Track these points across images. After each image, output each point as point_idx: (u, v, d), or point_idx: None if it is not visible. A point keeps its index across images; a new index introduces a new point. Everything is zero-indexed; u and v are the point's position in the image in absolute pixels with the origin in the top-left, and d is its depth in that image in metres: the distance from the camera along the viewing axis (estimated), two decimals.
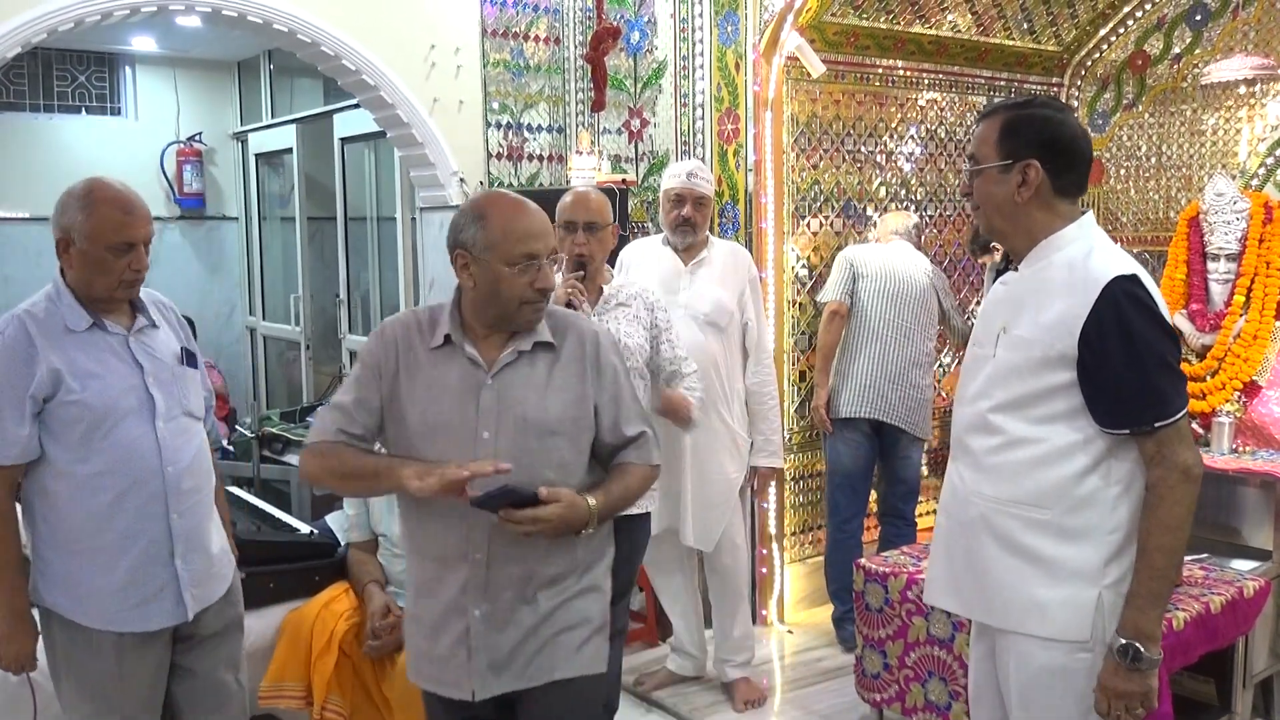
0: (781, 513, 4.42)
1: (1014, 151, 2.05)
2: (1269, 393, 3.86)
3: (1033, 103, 2.13)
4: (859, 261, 4.23)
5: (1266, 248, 3.94)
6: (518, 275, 2.03)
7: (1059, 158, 2.05)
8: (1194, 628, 2.97)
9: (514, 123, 4.97)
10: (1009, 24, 4.91)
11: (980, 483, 2.10)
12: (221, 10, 4.27)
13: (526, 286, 2.04)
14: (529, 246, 2.03)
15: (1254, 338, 3.89)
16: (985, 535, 2.09)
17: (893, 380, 4.16)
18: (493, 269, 2.03)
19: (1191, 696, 3.34)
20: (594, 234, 3.09)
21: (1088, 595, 2.00)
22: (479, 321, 2.10)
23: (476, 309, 2.10)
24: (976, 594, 2.13)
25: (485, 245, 2.03)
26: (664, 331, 3.17)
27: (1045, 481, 2.02)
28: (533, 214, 2.07)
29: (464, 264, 2.07)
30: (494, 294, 2.05)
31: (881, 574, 3.33)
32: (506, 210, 2.06)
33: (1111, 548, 2.00)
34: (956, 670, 3.10)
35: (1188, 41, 4.84)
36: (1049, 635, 2.03)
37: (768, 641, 4.28)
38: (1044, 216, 2.07)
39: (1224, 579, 3.23)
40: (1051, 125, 2.06)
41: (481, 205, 2.08)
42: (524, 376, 2.08)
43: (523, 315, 2.07)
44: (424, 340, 2.10)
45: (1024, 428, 2.04)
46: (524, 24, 4.96)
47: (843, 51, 4.51)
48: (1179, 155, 4.92)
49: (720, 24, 4.32)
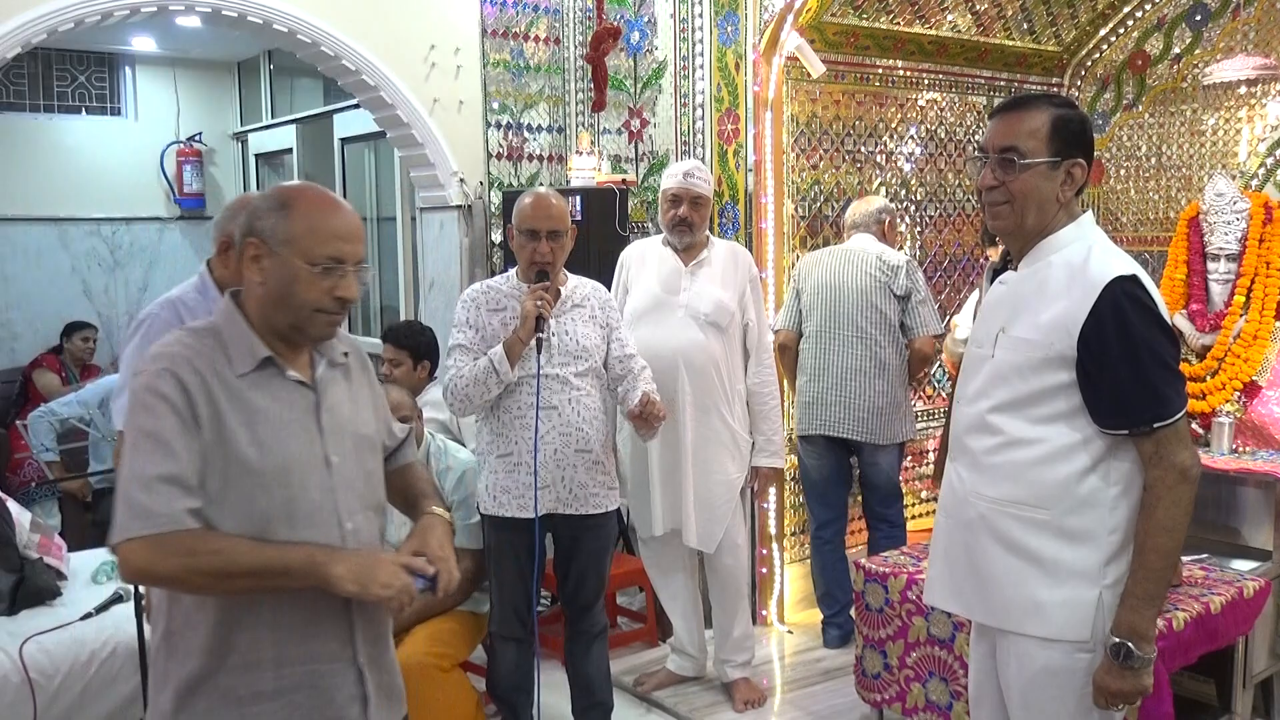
0: (781, 513, 4.42)
1: (1063, 149, 2.05)
2: (1269, 393, 3.86)
3: (1070, 101, 2.16)
4: (801, 276, 4.19)
5: (1266, 248, 3.94)
6: (318, 278, 1.74)
7: (1090, 159, 2.08)
8: (1194, 628, 2.97)
9: (514, 123, 4.97)
10: (1009, 24, 4.91)
11: (979, 483, 2.10)
12: (221, 10, 4.27)
13: (325, 293, 1.75)
14: (336, 248, 1.75)
15: (1254, 338, 3.88)
16: (985, 535, 2.09)
17: (838, 391, 4.07)
18: (290, 266, 1.74)
19: (1192, 697, 3.34)
20: (558, 241, 3.03)
21: (1088, 596, 2.00)
22: (269, 331, 1.78)
23: (264, 313, 1.78)
24: (976, 595, 2.13)
25: (285, 238, 1.74)
26: (614, 330, 3.19)
27: (1045, 482, 2.02)
28: (347, 214, 1.81)
29: (254, 255, 1.76)
30: (286, 295, 1.75)
31: (881, 574, 3.33)
32: (316, 203, 1.78)
33: (1111, 548, 2.00)
34: (957, 670, 3.10)
35: (1188, 41, 4.84)
36: (1049, 636, 2.03)
37: (768, 642, 4.28)
38: (1063, 214, 2.09)
39: (1224, 579, 3.23)
40: (1089, 127, 2.10)
41: (288, 193, 1.80)
42: (341, 391, 1.87)
43: (315, 325, 1.78)
44: (226, 367, 1.74)
45: (1023, 428, 2.04)
46: (524, 24, 4.96)
47: (843, 51, 4.51)
48: (1179, 155, 4.92)
49: (720, 24, 4.32)
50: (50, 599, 3.52)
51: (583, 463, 3.08)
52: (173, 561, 1.64)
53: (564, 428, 3.05)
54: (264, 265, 1.76)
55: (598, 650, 3.30)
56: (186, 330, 1.80)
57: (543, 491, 3.05)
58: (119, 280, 7.72)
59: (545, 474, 3.04)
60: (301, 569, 1.68)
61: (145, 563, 1.65)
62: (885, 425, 4.09)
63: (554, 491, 3.08)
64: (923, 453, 4.97)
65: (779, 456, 3.82)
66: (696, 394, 3.56)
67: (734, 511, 3.71)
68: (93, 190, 7.56)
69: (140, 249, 7.75)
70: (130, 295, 7.73)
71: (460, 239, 4.87)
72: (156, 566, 1.65)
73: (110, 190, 7.63)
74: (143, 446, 1.67)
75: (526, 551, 3.07)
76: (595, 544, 3.20)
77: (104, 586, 3.66)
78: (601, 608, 3.31)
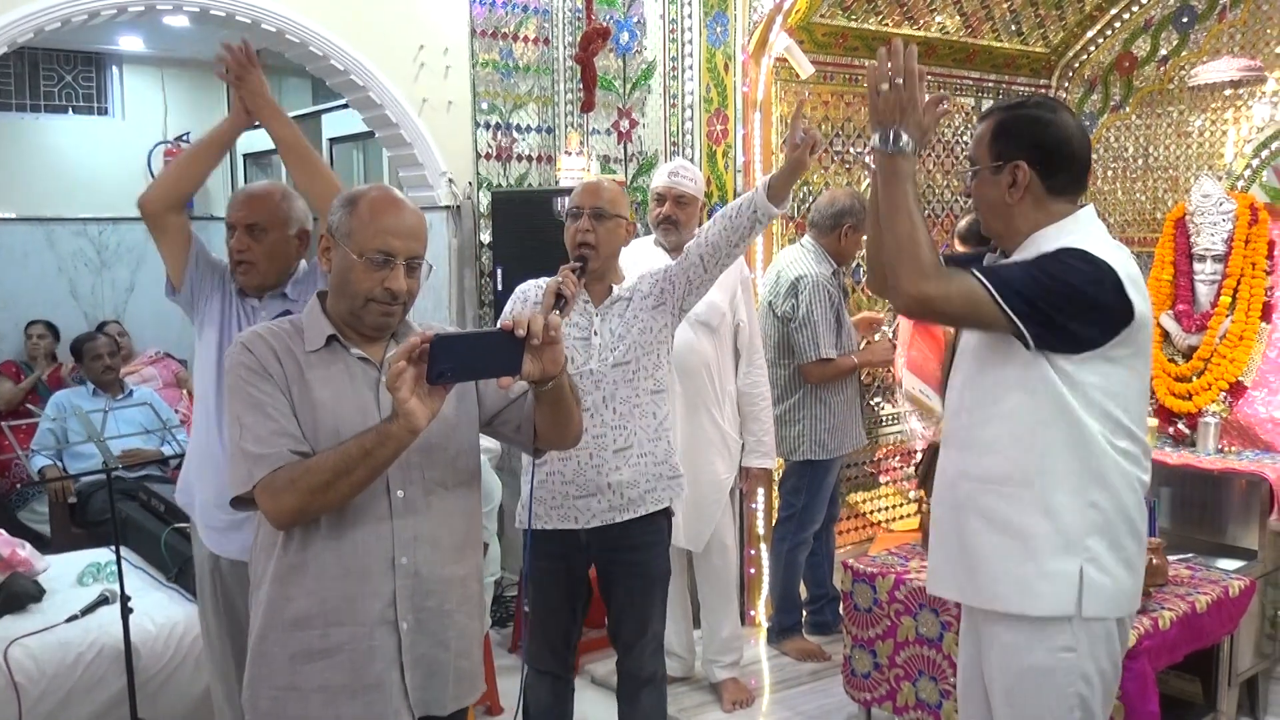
0: (770, 514, 4.42)
1: (1004, 153, 2.07)
2: (1254, 393, 3.88)
3: (1025, 104, 2.15)
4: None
5: (1252, 249, 3.96)
6: (369, 269, 1.89)
7: (1049, 158, 2.06)
8: (1180, 627, 2.99)
9: (503, 123, 4.96)
10: (997, 26, 4.92)
11: (964, 463, 2.14)
12: (209, 10, 4.26)
13: (376, 283, 1.89)
14: (386, 242, 1.89)
15: (1240, 338, 3.91)
16: (972, 516, 2.12)
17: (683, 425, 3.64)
18: (347, 257, 1.90)
19: (1178, 695, 3.36)
20: (600, 222, 2.78)
21: (1070, 568, 2.02)
22: (339, 319, 1.96)
23: (333, 302, 1.97)
24: (966, 577, 2.15)
25: (346, 231, 1.91)
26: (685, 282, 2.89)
27: (1023, 457, 2.05)
28: (405, 212, 1.94)
29: (325, 247, 1.96)
30: (344, 284, 1.92)
31: (870, 574, 3.34)
32: (377, 201, 1.93)
33: (1090, 522, 2.03)
34: (946, 669, 3.11)
35: (1174, 43, 4.86)
36: (1035, 614, 2.04)
37: (756, 642, 4.28)
38: (1037, 217, 2.09)
39: (1210, 579, 3.25)
40: (1039, 126, 2.07)
41: (357, 193, 1.96)
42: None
43: (369, 314, 1.92)
44: (297, 344, 1.93)
45: (993, 403, 2.08)
46: (513, 24, 4.95)
47: (831, 53, 4.51)
48: (1166, 156, 4.94)
49: (709, 25, 4.32)
50: (32, 603, 3.49)
51: (625, 462, 2.78)
52: (287, 496, 1.80)
53: (597, 429, 2.76)
54: (331, 256, 1.95)
55: (647, 701, 2.93)
56: (272, 321, 2.03)
57: (582, 501, 2.78)
58: (106, 281, 7.68)
59: (582, 482, 2.77)
60: (375, 441, 1.78)
61: (272, 508, 1.83)
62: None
63: (602, 500, 2.78)
64: (910, 452, 4.98)
65: (769, 457, 3.82)
66: (686, 394, 3.55)
67: (723, 512, 3.71)
68: (79, 190, 7.51)
69: (127, 249, 7.70)
70: (117, 296, 7.70)
71: (449, 239, 4.87)
72: (281, 506, 1.82)
73: (97, 190, 7.58)
74: (241, 415, 1.86)
75: (565, 573, 2.82)
76: (635, 567, 2.85)
77: (89, 588, 3.64)
78: (653, 650, 2.92)
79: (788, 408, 4.07)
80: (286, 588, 1.90)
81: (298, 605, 1.89)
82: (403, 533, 1.91)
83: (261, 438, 1.84)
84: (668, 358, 2.89)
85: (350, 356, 1.94)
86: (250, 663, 1.96)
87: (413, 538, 1.92)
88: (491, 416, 2.06)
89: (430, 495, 1.95)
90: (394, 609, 1.90)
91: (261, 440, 1.83)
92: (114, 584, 3.29)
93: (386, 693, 1.91)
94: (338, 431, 1.85)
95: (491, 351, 1.80)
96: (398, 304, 1.93)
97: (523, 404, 2.04)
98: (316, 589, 1.88)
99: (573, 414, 2.02)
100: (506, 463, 4.89)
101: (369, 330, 1.95)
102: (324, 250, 1.96)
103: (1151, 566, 3.02)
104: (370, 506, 1.88)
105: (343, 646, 1.89)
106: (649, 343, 2.82)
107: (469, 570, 2.04)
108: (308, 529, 1.88)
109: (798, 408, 4.06)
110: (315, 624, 1.89)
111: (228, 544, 2.71)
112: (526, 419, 2.04)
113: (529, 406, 2.02)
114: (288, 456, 1.82)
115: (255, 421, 1.85)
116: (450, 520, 1.98)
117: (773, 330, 4.06)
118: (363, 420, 1.87)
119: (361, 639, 1.89)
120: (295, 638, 1.90)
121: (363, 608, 1.89)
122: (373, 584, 1.89)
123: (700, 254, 2.83)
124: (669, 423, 2.91)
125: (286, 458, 1.82)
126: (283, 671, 1.91)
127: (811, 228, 4.11)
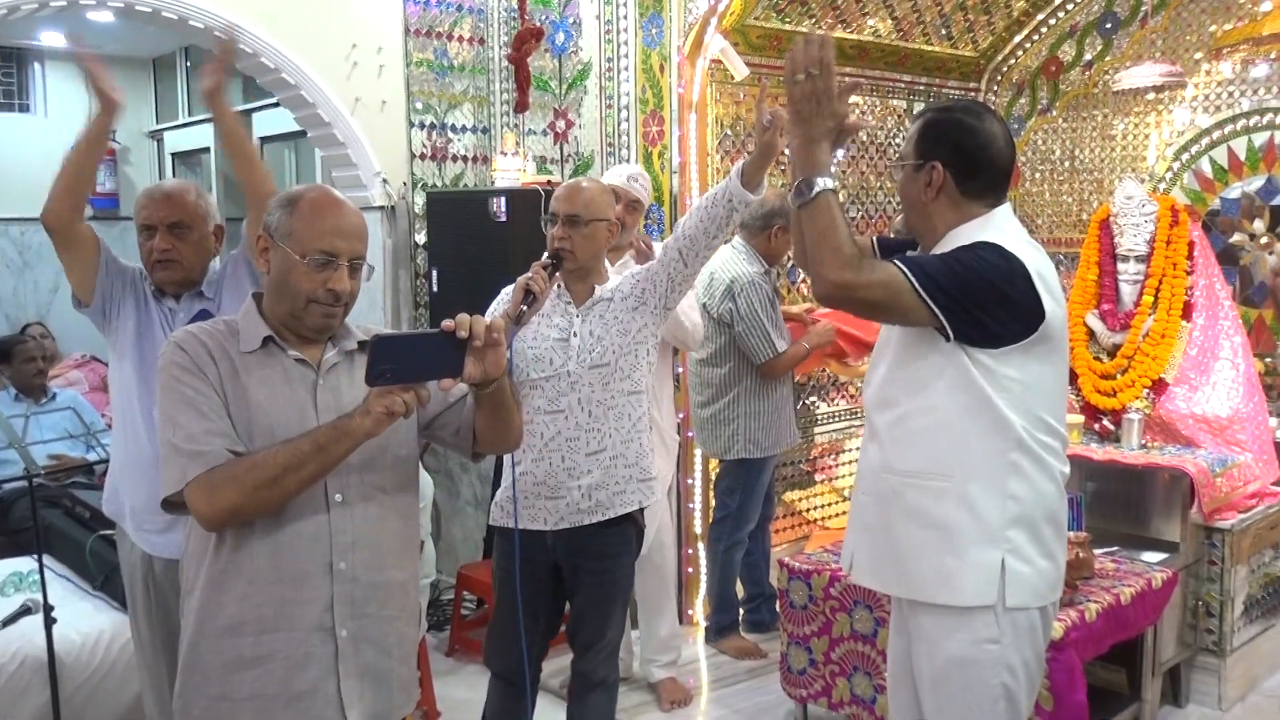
0: (707, 513, 4.44)
1: (925, 152, 2.12)
2: (1176, 390, 3.97)
3: (954, 108, 2.19)
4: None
5: (1173, 249, 4.06)
6: (311, 270, 1.85)
7: (966, 162, 2.11)
8: (1106, 619, 3.06)
9: (438, 123, 4.92)
10: (928, 30, 5.00)
11: (888, 457, 2.17)
12: (135, 6, 4.16)
13: (319, 284, 1.86)
14: (328, 243, 1.86)
15: (1161, 336, 4.00)
16: (897, 510, 2.15)
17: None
18: (288, 257, 1.86)
19: (1104, 686, 3.43)
20: (576, 229, 2.75)
21: (992, 559, 2.06)
22: (276, 321, 1.92)
23: (270, 303, 1.93)
24: (893, 569, 2.18)
25: (286, 231, 1.87)
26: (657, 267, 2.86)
27: (942, 448, 2.08)
28: (348, 212, 1.91)
29: (264, 248, 1.92)
30: (284, 285, 1.88)
31: (805, 571, 3.37)
32: (318, 201, 1.91)
33: (1010, 514, 2.07)
34: (880, 664, 3.15)
35: (1099, 49, 4.98)
36: (959, 604, 2.08)
37: (694, 641, 4.30)
38: (951, 217, 2.14)
39: (1134, 571, 3.33)
40: (960, 130, 2.12)
41: (296, 193, 1.93)
42: (346, 376, 1.94)
43: (311, 315, 1.89)
44: (232, 345, 1.90)
45: (914, 396, 2.11)
46: (447, 23, 4.92)
47: (766, 55, 4.55)
48: (1091, 159, 5.06)
49: (644, 26, 4.33)
50: None
51: (597, 464, 2.76)
52: (227, 491, 1.76)
53: (570, 431, 2.75)
54: (269, 257, 1.91)
55: (595, 705, 2.94)
56: (206, 322, 1.98)
57: (551, 503, 2.77)
58: (28, 282, 7.48)
59: (553, 483, 2.76)
60: (329, 437, 1.77)
61: (206, 506, 1.77)
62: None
63: (570, 502, 2.76)
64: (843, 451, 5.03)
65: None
66: None
67: (662, 511, 3.71)
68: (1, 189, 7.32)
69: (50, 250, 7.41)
70: (40, 298, 7.50)
71: (384, 240, 4.82)
72: (218, 504, 1.77)
73: (19, 189, 7.34)
74: (173, 414, 1.82)
75: (528, 575, 2.72)
76: (600, 575, 2.84)
77: (11, 599, 3.54)
78: (607, 656, 2.93)
79: (721, 407, 4.09)
80: (219, 594, 1.85)
81: (230, 611, 1.85)
82: (341, 537, 1.88)
83: (195, 436, 1.80)
84: (648, 359, 2.85)
85: (287, 358, 1.90)
86: (182, 671, 1.91)
87: (351, 542, 1.89)
88: (430, 420, 2.03)
89: (369, 500, 1.91)
90: (331, 615, 1.87)
91: (195, 439, 1.80)
92: (37, 594, 3.20)
93: (320, 702, 1.88)
94: (273, 433, 1.82)
95: (433, 353, 1.78)
96: (340, 305, 1.90)
97: (461, 408, 2.02)
98: (249, 594, 1.84)
99: (513, 417, 2.01)
100: (443, 463, 4.86)
101: (309, 332, 1.92)
102: (262, 251, 1.92)
103: (1078, 560, 3.09)
104: (306, 509, 1.85)
105: (275, 654, 1.85)
106: (627, 344, 2.79)
107: (409, 575, 2.01)
108: (241, 533, 1.83)
109: (732, 406, 4.08)
110: (248, 631, 1.84)
111: (166, 545, 2.65)
112: (465, 423, 2.02)
113: (469, 410, 2.01)
114: (224, 455, 1.78)
115: (189, 420, 1.81)
116: (389, 524, 1.95)
117: (712, 332, 4.06)
118: (300, 421, 1.84)
119: (296, 646, 1.85)
120: (227, 645, 1.85)
121: (298, 614, 1.85)
122: (309, 590, 1.86)
123: (679, 248, 2.78)
124: (643, 424, 2.86)
125: (223, 456, 1.78)
126: (215, 680, 1.86)
127: (742, 229, 4.11)
